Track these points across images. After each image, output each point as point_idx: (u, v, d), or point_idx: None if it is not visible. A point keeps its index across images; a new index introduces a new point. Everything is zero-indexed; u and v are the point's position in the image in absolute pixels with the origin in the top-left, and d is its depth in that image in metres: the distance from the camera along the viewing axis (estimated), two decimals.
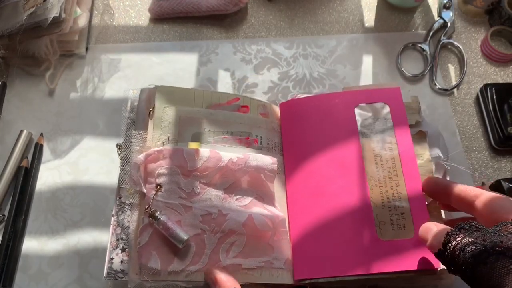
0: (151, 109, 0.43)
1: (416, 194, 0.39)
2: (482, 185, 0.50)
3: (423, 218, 0.38)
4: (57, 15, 0.50)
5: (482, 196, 0.32)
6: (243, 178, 0.41)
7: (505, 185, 0.48)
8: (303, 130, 0.45)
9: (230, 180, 0.41)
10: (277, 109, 0.48)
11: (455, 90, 0.56)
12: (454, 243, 0.28)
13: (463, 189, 0.35)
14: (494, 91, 0.53)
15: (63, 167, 0.50)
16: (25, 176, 0.48)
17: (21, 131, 0.50)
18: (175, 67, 0.56)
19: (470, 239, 0.28)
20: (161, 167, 0.39)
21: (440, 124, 0.53)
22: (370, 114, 0.44)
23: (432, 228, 0.33)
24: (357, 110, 0.44)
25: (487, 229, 0.28)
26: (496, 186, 0.49)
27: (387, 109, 0.44)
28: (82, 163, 0.50)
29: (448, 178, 0.43)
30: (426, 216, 0.38)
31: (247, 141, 0.43)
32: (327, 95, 0.46)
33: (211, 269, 0.37)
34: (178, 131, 0.42)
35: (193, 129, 0.43)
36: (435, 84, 0.55)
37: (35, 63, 0.55)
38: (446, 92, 0.55)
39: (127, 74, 0.56)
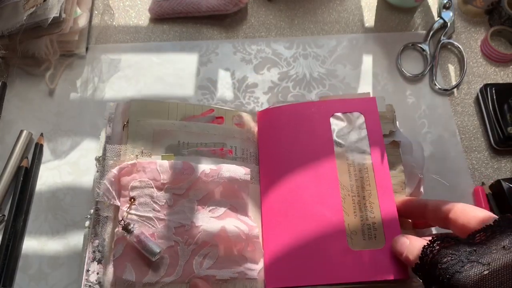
0: (125, 123, 0.43)
1: (387, 204, 0.39)
2: (482, 185, 0.50)
3: (394, 228, 0.38)
4: (57, 15, 0.50)
5: (455, 208, 0.33)
6: (216, 189, 0.41)
7: (505, 185, 0.48)
8: (278, 139, 0.45)
9: (203, 192, 0.41)
10: (253, 119, 0.48)
11: (455, 90, 0.56)
12: (431, 256, 0.29)
13: (437, 204, 0.35)
14: (494, 91, 0.53)
15: (63, 167, 0.50)
16: (25, 176, 0.48)
17: (21, 131, 0.50)
18: (175, 67, 0.56)
19: (446, 251, 0.29)
20: (135, 180, 0.40)
21: (440, 124, 0.53)
22: (345, 124, 0.44)
23: (405, 242, 0.34)
24: (332, 120, 0.44)
25: (461, 240, 0.29)
26: (496, 186, 0.49)
27: (362, 119, 0.44)
28: (83, 163, 0.50)
29: (422, 188, 0.43)
30: (397, 226, 0.38)
31: (221, 152, 0.44)
32: (303, 104, 0.46)
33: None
34: (152, 144, 0.42)
35: (167, 142, 0.43)
36: (435, 84, 0.55)
37: (35, 63, 0.55)
38: (446, 92, 0.55)
39: (127, 74, 0.56)
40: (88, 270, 0.38)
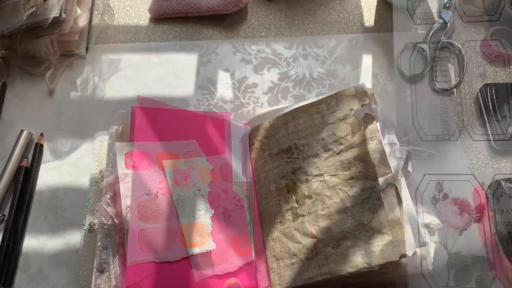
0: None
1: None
2: (482, 185, 0.50)
3: None
4: (57, 15, 0.50)
5: None
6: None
7: (505, 185, 0.48)
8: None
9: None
10: None
11: (455, 90, 0.56)
12: None
13: None
14: (494, 91, 0.53)
15: (63, 167, 0.50)
16: (25, 176, 0.48)
17: (22, 131, 0.50)
18: (175, 67, 0.56)
19: None
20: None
21: (440, 124, 0.53)
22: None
23: None
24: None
25: None
26: (496, 186, 0.49)
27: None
28: (83, 164, 0.50)
29: (410, 163, 0.42)
30: None
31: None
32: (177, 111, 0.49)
33: None
34: None
35: None
36: (435, 84, 0.55)
37: (35, 63, 0.55)
38: (446, 92, 0.55)
39: (127, 74, 0.56)
40: (99, 284, 0.40)
